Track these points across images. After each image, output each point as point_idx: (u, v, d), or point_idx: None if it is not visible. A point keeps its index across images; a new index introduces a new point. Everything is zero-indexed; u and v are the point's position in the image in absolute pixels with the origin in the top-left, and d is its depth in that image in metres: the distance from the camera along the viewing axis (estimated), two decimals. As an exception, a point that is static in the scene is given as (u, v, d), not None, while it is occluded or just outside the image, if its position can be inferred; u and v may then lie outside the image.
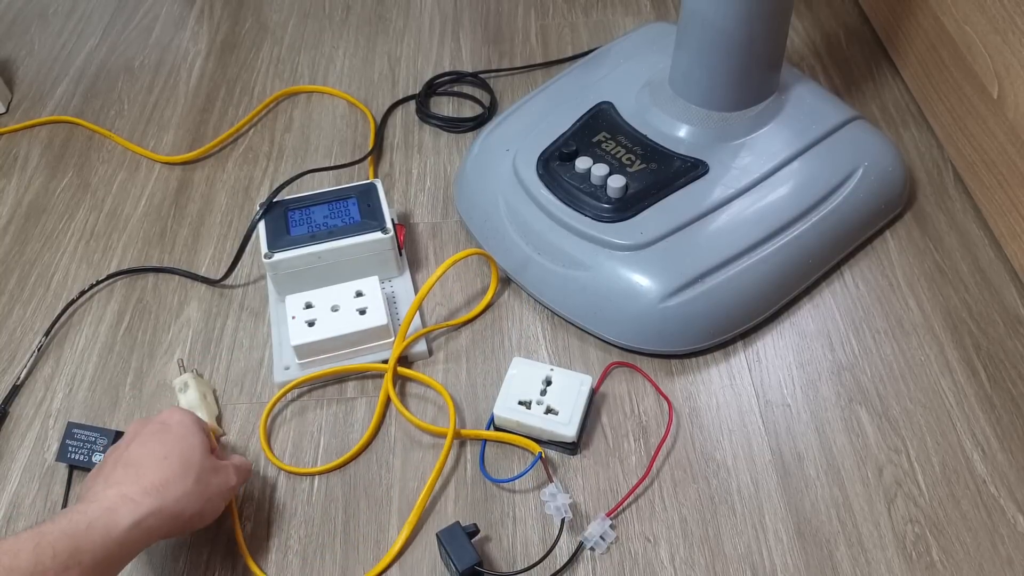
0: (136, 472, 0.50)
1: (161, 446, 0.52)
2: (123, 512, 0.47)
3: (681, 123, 0.72)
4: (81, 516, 0.46)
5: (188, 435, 0.54)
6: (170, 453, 0.52)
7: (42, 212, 0.82)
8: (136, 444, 0.53)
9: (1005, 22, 0.68)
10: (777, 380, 0.65)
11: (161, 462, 0.51)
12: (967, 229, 0.74)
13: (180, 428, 0.54)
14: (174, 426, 0.54)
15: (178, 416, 0.55)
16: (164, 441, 0.53)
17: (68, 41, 1.03)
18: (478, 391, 0.66)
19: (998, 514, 0.57)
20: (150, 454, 0.51)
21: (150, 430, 0.54)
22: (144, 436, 0.53)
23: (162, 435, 0.53)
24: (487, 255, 0.70)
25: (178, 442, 0.53)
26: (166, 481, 0.50)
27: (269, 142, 0.88)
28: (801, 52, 0.93)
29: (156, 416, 0.56)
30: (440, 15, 1.02)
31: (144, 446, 0.52)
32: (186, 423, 0.55)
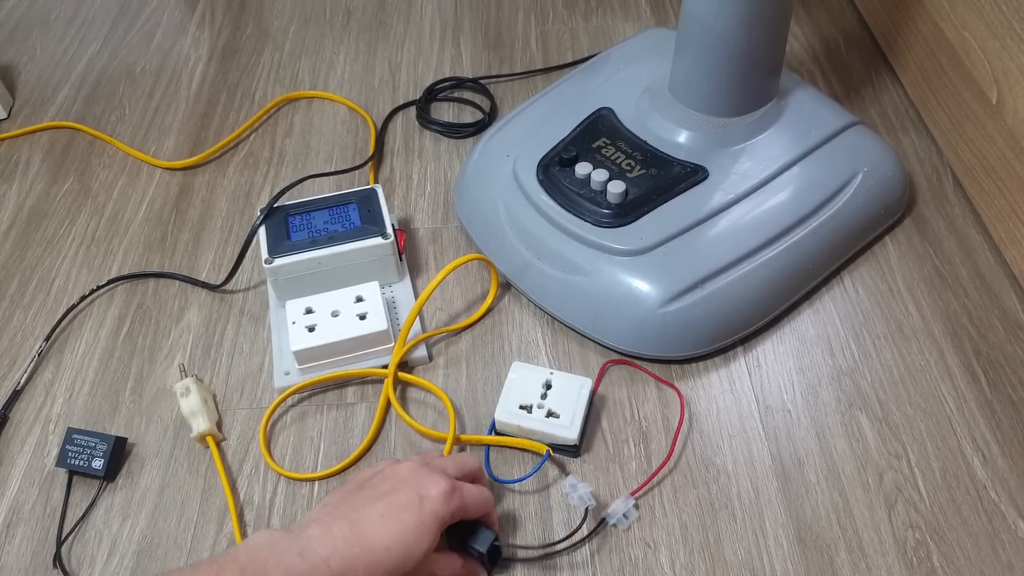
0: (354, 545, 0.47)
1: (395, 532, 0.48)
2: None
3: (681, 128, 0.72)
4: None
5: (427, 533, 0.49)
6: (396, 545, 0.48)
7: (43, 217, 0.83)
8: (378, 510, 0.49)
9: (1003, 28, 0.68)
10: (777, 385, 0.65)
11: (382, 551, 0.47)
12: (967, 234, 0.74)
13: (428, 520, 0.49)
14: (425, 514, 0.49)
15: (435, 504, 0.50)
16: (403, 526, 0.48)
17: (70, 47, 1.03)
18: (478, 397, 0.66)
19: (999, 519, 0.57)
20: (379, 534, 0.48)
21: (402, 501, 0.49)
22: (391, 505, 0.49)
23: (406, 516, 0.49)
24: (487, 260, 0.70)
25: (412, 535, 0.48)
26: (370, 572, 0.47)
27: (270, 147, 0.88)
28: (800, 57, 0.93)
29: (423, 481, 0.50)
30: (440, 21, 1.02)
31: (383, 519, 0.48)
32: (438, 516, 0.49)
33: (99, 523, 0.60)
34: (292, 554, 0.46)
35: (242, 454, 0.63)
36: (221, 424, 0.65)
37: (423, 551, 0.49)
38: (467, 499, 0.52)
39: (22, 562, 0.59)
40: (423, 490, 0.50)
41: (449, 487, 0.51)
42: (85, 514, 0.61)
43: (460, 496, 0.51)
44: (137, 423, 0.66)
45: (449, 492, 0.50)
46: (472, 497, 0.52)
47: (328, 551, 0.46)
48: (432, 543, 0.49)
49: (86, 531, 0.60)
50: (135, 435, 0.65)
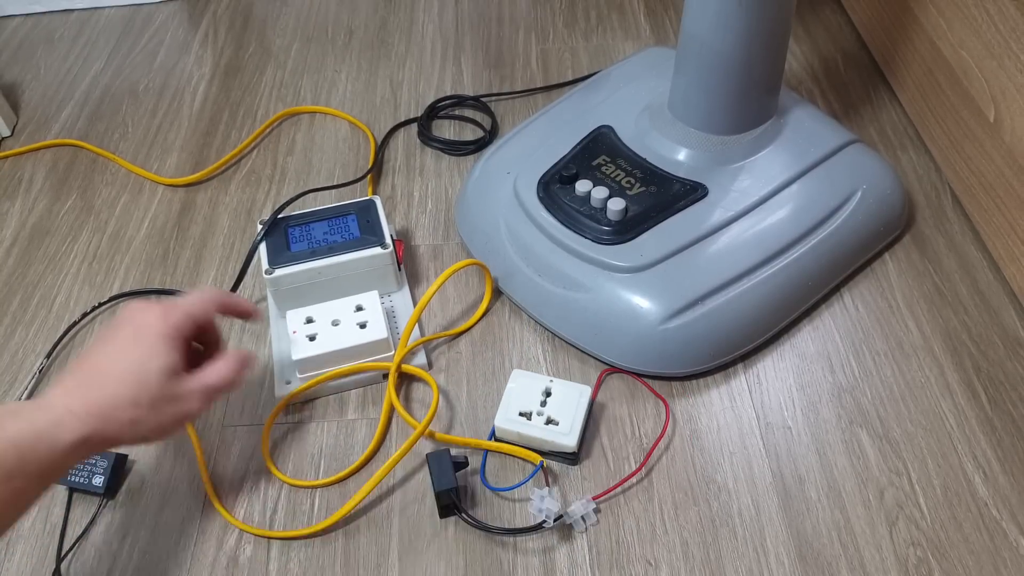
0: (89, 387, 0.50)
1: (123, 361, 0.51)
2: (67, 429, 0.47)
3: (680, 146, 0.73)
4: (29, 427, 0.46)
5: (155, 354, 0.51)
6: (127, 373, 0.50)
7: (46, 234, 0.83)
8: (102, 351, 0.52)
9: (1000, 47, 0.69)
10: (778, 402, 0.65)
11: (116, 382, 0.50)
12: (966, 251, 0.74)
13: (150, 341, 0.52)
14: (145, 338, 0.52)
15: (152, 325, 0.52)
16: (127, 354, 0.51)
17: (74, 65, 1.04)
18: (478, 411, 0.66)
19: (1000, 537, 0.57)
20: (109, 369, 0.50)
21: (122, 336, 0.52)
22: (113, 343, 0.52)
23: (129, 346, 0.51)
24: (480, 264, 0.71)
25: (141, 361, 0.51)
26: (115, 405, 0.49)
27: (272, 165, 0.88)
28: (799, 76, 0.94)
29: (136, 314, 0.53)
30: (442, 40, 1.03)
31: (108, 356, 0.51)
32: (159, 333, 0.52)
33: (99, 540, 0.60)
34: (29, 409, 0.48)
35: (243, 470, 0.63)
36: None
37: (157, 370, 0.51)
38: (186, 307, 0.55)
39: (21, 579, 0.59)
40: (138, 322, 0.52)
41: (161, 308, 0.53)
42: (85, 531, 0.60)
43: (177, 309, 0.54)
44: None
45: (162, 311, 0.53)
46: (190, 302, 0.55)
47: (65, 398, 0.49)
48: (166, 360, 0.51)
49: (86, 548, 0.60)
50: (136, 452, 0.65)
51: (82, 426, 0.48)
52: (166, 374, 0.51)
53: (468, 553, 0.58)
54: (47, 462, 0.46)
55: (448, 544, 0.58)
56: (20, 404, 0.49)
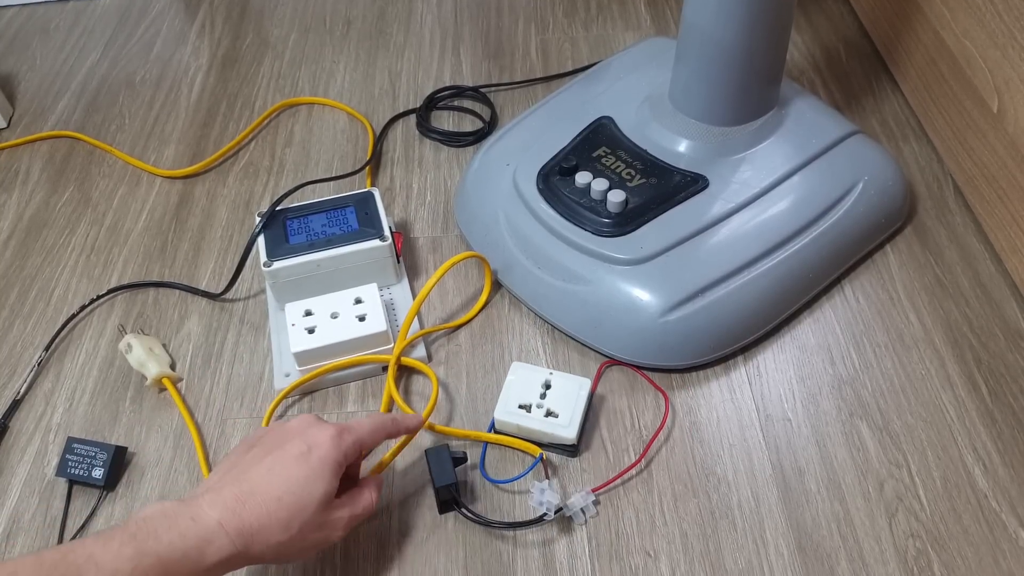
0: (245, 503, 0.47)
1: (284, 481, 0.48)
2: (214, 548, 0.46)
3: (681, 138, 0.72)
4: (179, 541, 0.45)
5: (319, 480, 0.49)
6: (287, 495, 0.48)
7: (43, 227, 0.83)
8: (266, 465, 0.49)
9: (1005, 37, 0.68)
10: (778, 394, 0.65)
11: (273, 502, 0.48)
12: (967, 243, 0.74)
13: (317, 466, 0.49)
14: (314, 461, 0.49)
15: (323, 446, 0.50)
16: (290, 475, 0.49)
17: (70, 56, 1.04)
18: (478, 403, 0.66)
19: (1000, 529, 0.57)
20: (269, 487, 0.48)
21: (289, 453, 0.50)
22: (279, 458, 0.50)
23: (295, 466, 0.49)
24: (480, 256, 0.71)
25: (304, 484, 0.49)
26: (267, 526, 0.47)
27: (270, 156, 0.88)
28: (801, 66, 0.93)
29: (309, 430, 0.51)
30: (441, 30, 1.03)
31: (271, 472, 0.49)
32: (328, 461, 0.50)
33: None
34: (184, 519, 0.46)
35: (242, 464, 0.63)
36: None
37: (318, 498, 0.49)
38: (359, 433, 0.53)
39: (21, 573, 0.58)
40: (310, 439, 0.50)
41: (336, 431, 0.51)
42: (85, 524, 0.60)
43: (351, 435, 0.52)
44: (137, 432, 0.66)
45: (336, 435, 0.51)
46: (365, 429, 0.53)
47: (219, 512, 0.47)
48: (328, 488, 0.50)
49: (85, 541, 0.60)
50: (135, 444, 0.65)
51: (230, 545, 0.46)
52: (325, 501, 0.50)
53: (468, 545, 0.58)
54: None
55: (448, 536, 0.58)
56: (175, 509, 0.46)
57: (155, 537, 0.45)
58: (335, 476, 0.51)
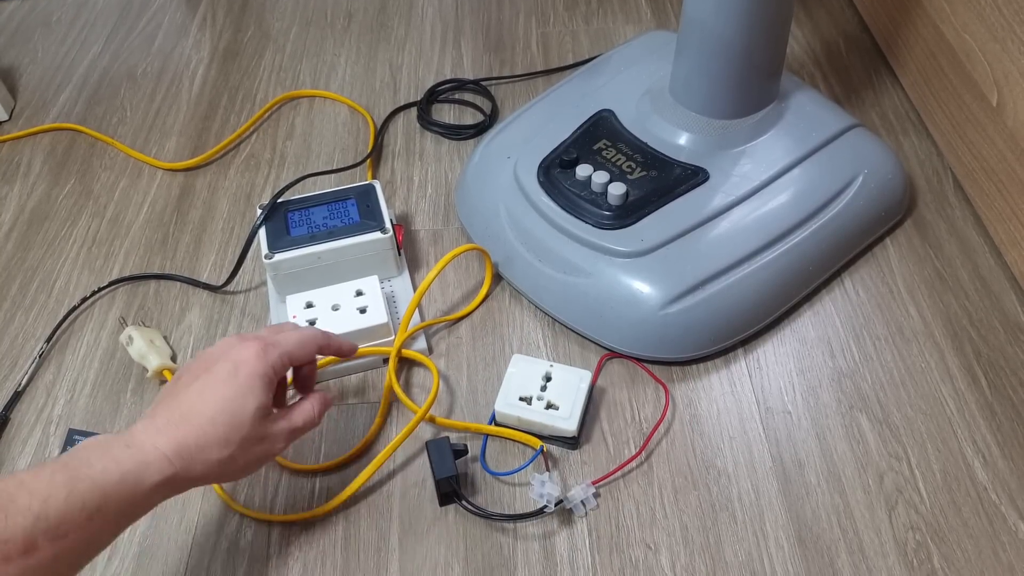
0: (178, 425, 0.48)
1: (216, 401, 0.49)
2: (153, 470, 0.46)
3: (681, 131, 0.72)
4: (114, 466, 0.45)
5: (249, 394, 0.49)
6: (220, 413, 0.48)
7: (44, 219, 0.83)
8: (194, 386, 0.50)
9: (1004, 30, 0.68)
10: (778, 387, 0.65)
11: (207, 422, 0.48)
12: (967, 236, 0.74)
13: (245, 382, 0.50)
14: (241, 377, 0.50)
15: (250, 362, 0.50)
16: (222, 394, 0.49)
17: (71, 49, 1.04)
18: (479, 395, 0.66)
19: (999, 521, 0.57)
20: (201, 406, 0.49)
21: (217, 372, 0.50)
22: (207, 380, 0.50)
23: (224, 385, 0.49)
24: (482, 249, 0.71)
25: (235, 400, 0.49)
26: (204, 444, 0.48)
27: (271, 149, 0.88)
28: (801, 60, 0.93)
29: (233, 349, 0.51)
30: (441, 23, 1.03)
31: (200, 393, 0.49)
32: (256, 372, 0.50)
33: None
34: (118, 446, 0.46)
35: (243, 455, 0.63)
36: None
37: (251, 411, 0.49)
38: (285, 345, 0.53)
39: (23, 563, 0.59)
40: (235, 357, 0.50)
41: (260, 344, 0.51)
42: (86, 515, 0.61)
43: (275, 346, 0.52)
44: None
45: (261, 349, 0.51)
46: (291, 340, 0.53)
47: (153, 436, 0.47)
48: (260, 401, 0.50)
49: (87, 532, 0.60)
50: (136, 436, 0.65)
51: (168, 467, 0.46)
52: (260, 415, 0.50)
53: (468, 537, 0.58)
54: (129, 503, 0.45)
55: (448, 528, 0.59)
56: (107, 439, 0.47)
57: (87, 464, 0.44)
58: (266, 389, 0.51)
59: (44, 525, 0.41)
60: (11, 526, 0.40)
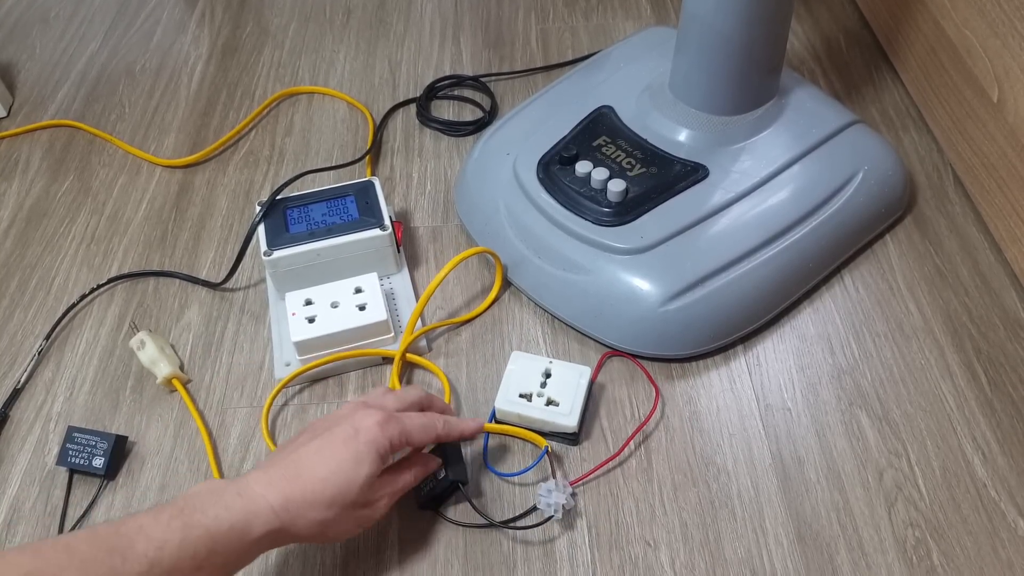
0: (291, 481, 0.49)
1: (330, 461, 0.50)
2: (260, 520, 0.47)
3: (681, 127, 0.72)
4: (225, 514, 0.46)
5: (363, 461, 0.50)
6: (333, 475, 0.49)
7: (43, 216, 0.83)
8: (314, 447, 0.50)
9: (1005, 26, 0.68)
10: (777, 384, 0.65)
11: (319, 481, 0.49)
12: (967, 233, 0.74)
13: (363, 449, 0.50)
14: (360, 444, 0.50)
15: (370, 430, 0.51)
16: (336, 456, 0.50)
17: (70, 45, 1.03)
18: (478, 393, 0.66)
19: (999, 518, 0.57)
20: (317, 467, 0.49)
21: (337, 436, 0.51)
22: (326, 440, 0.51)
23: (342, 448, 0.50)
24: (493, 253, 0.71)
25: (348, 464, 0.50)
26: (310, 504, 0.49)
27: (270, 146, 0.88)
28: (801, 56, 0.93)
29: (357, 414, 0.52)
30: (441, 19, 1.02)
31: (319, 454, 0.50)
32: (374, 445, 0.51)
33: (100, 521, 0.60)
34: (230, 494, 0.47)
35: (243, 452, 0.63)
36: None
37: (362, 479, 0.50)
38: (407, 425, 0.53)
39: (23, 560, 0.59)
40: (358, 423, 0.51)
41: (384, 416, 0.52)
42: (86, 513, 0.61)
43: (398, 423, 0.53)
44: (138, 421, 0.66)
45: (384, 421, 0.52)
46: (414, 423, 0.54)
47: (264, 488, 0.48)
48: (372, 471, 0.51)
49: (86, 529, 0.60)
50: (136, 434, 0.65)
51: (275, 519, 0.47)
52: (368, 483, 0.51)
53: (468, 534, 0.58)
54: (235, 552, 0.46)
55: (448, 526, 0.58)
56: (221, 485, 0.48)
57: (202, 511, 0.46)
58: (380, 460, 0.51)
59: (158, 571, 0.43)
60: (127, 571, 0.42)
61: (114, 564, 0.42)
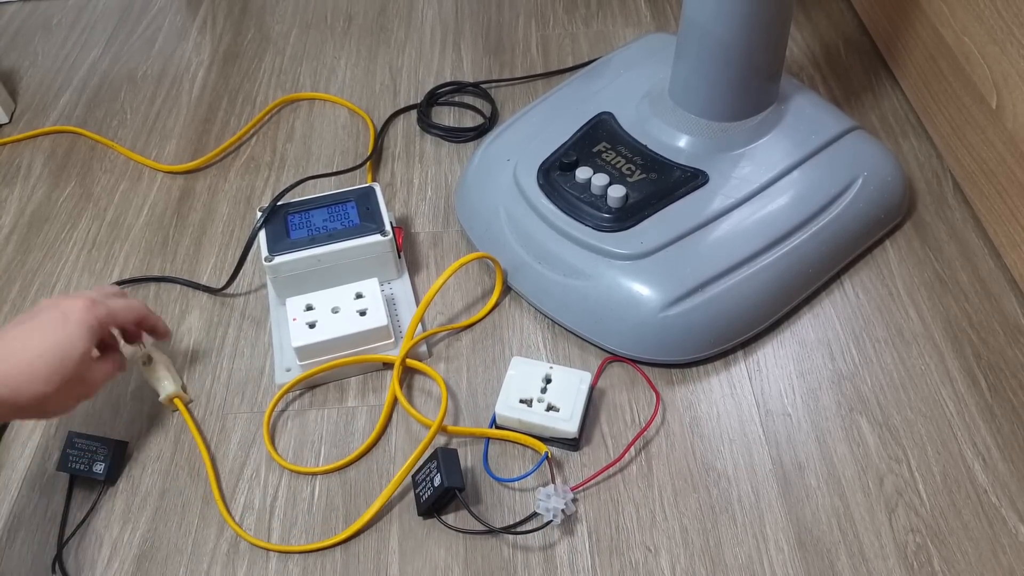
0: (7, 359, 0.52)
1: (43, 342, 0.53)
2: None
3: (681, 133, 0.72)
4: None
5: (76, 339, 0.54)
6: (48, 352, 0.53)
7: (44, 221, 0.83)
8: (24, 330, 0.54)
9: (1003, 33, 0.68)
10: (778, 389, 0.65)
11: (36, 358, 0.52)
12: (967, 238, 0.74)
13: (72, 328, 0.54)
14: (70, 324, 0.54)
15: (79, 315, 0.55)
16: (48, 338, 0.54)
17: (72, 52, 1.04)
18: (479, 398, 0.66)
19: (999, 523, 0.57)
20: (28, 346, 0.53)
21: (47, 318, 0.55)
22: (37, 323, 0.54)
23: (52, 330, 0.54)
24: (492, 258, 0.71)
25: (61, 345, 0.54)
26: (30, 380, 0.52)
27: (271, 152, 0.88)
28: (800, 62, 0.93)
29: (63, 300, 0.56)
30: (441, 26, 1.03)
31: (30, 336, 0.54)
32: (83, 324, 0.55)
33: (100, 527, 0.60)
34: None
35: (243, 458, 0.64)
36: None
37: (78, 355, 0.54)
38: (112, 305, 0.58)
39: (23, 566, 0.59)
40: (65, 308, 0.55)
41: (89, 300, 0.57)
42: (86, 518, 0.61)
43: (104, 305, 0.57)
44: (138, 427, 0.66)
45: (90, 303, 0.56)
46: (118, 304, 0.59)
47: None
48: (85, 347, 0.55)
49: (87, 535, 0.60)
50: (136, 439, 0.65)
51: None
52: (84, 360, 0.55)
53: (468, 540, 0.58)
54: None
55: (448, 531, 0.58)
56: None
57: None
58: (91, 337, 0.56)
59: None
60: None
61: None
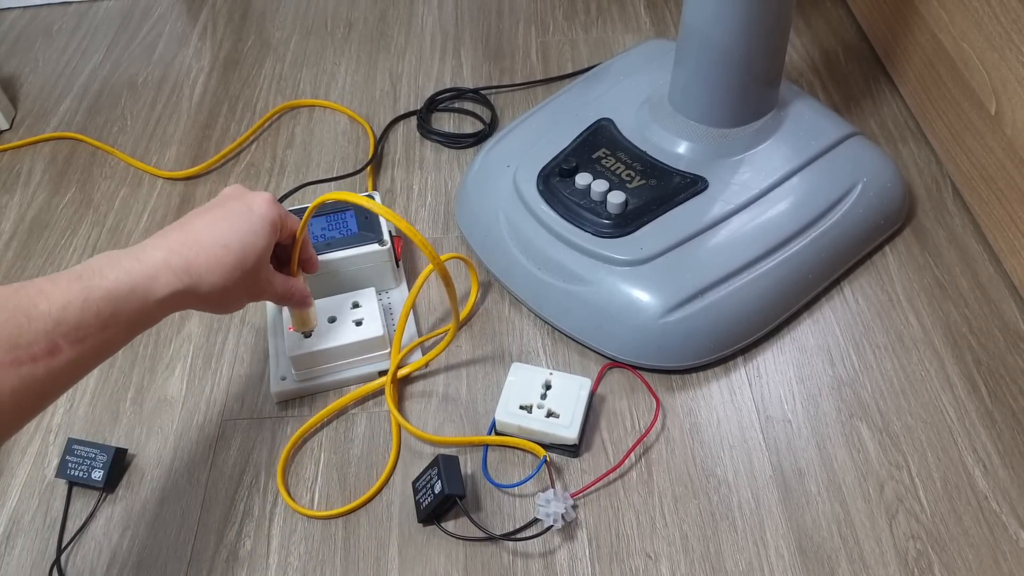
0: (190, 246, 0.51)
1: (229, 230, 0.52)
2: (161, 283, 0.49)
3: (680, 139, 0.72)
4: (126, 277, 0.47)
5: (259, 232, 0.54)
6: (234, 241, 0.52)
7: (44, 228, 0.83)
8: (210, 217, 0.53)
9: (1002, 39, 0.69)
10: (778, 395, 0.65)
11: (220, 246, 0.52)
12: (966, 244, 0.74)
13: (259, 222, 0.54)
14: (254, 217, 0.54)
15: (263, 208, 0.55)
16: (234, 226, 0.53)
17: (72, 58, 1.04)
18: (478, 404, 0.66)
19: (1000, 530, 0.57)
20: (215, 235, 0.52)
21: (232, 209, 0.54)
22: (222, 213, 0.53)
23: (238, 219, 0.53)
24: (463, 257, 0.71)
25: (248, 234, 0.53)
26: (212, 270, 0.51)
27: (271, 158, 0.88)
28: (800, 68, 0.93)
29: (247, 193, 0.56)
30: (441, 32, 1.03)
31: (215, 224, 0.53)
32: (267, 219, 0.54)
33: (99, 534, 0.60)
34: (129, 259, 0.49)
35: (242, 464, 0.63)
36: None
37: (260, 248, 0.54)
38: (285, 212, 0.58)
39: (21, 573, 0.58)
40: (249, 200, 0.55)
41: (270, 195, 0.56)
42: (84, 525, 0.61)
43: (281, 206, 0.57)
44: (137, 434, 0.66)
45: (272, 198, 0.56)
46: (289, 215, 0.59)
47: (165, 253, 0.50)
48: (267, 243, 0.54)
49: (85, 542, 0.60)
50: (135, 446, 0.65)
51: (176, 282, 0.49)
52: (265, 255, 0.54)
53: (468, 547, 0.58)
54: (138, 313, 0.48)
55: (448, 537, 0.58)
56: (119, 253, 0.49)
57: (100, 275, 0.47)
58: (273, 233, 0.55)
59: (64, 329, 0.44)
60: (34, 329, 0.43)
61: (20, 323, 0.42)
